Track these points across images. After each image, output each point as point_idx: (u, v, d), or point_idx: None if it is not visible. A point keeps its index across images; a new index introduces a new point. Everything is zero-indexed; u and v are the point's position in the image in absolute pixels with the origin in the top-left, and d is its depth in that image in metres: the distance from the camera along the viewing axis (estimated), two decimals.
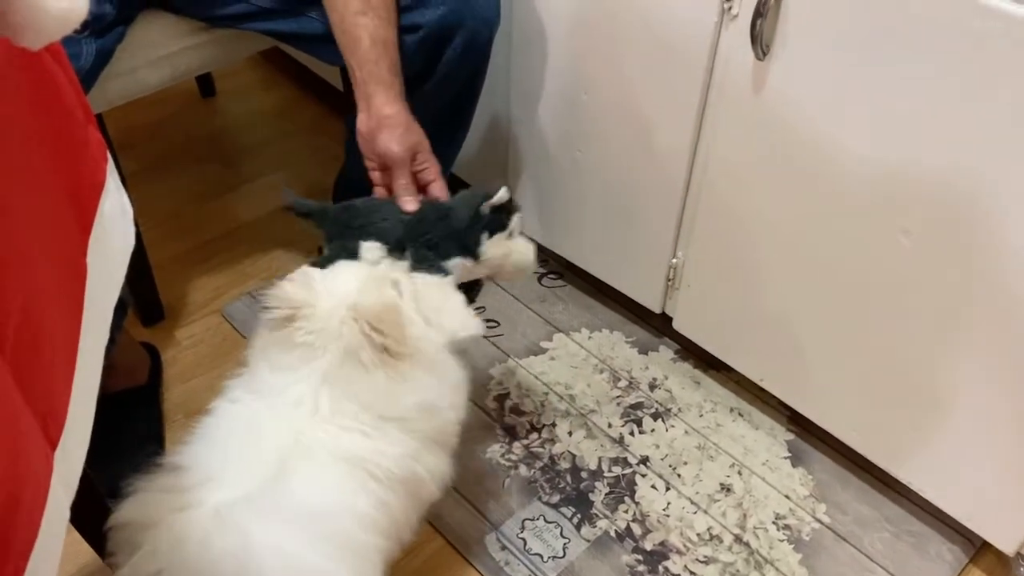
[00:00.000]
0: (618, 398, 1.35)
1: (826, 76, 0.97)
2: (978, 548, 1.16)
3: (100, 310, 0.67)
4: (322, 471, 0.80)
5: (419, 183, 1.05)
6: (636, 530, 1.17)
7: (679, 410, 1.33)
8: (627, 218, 1.32)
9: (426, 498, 0.89)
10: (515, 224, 1.04)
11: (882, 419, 1.14)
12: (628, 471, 1.24)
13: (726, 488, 1.23)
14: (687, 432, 1.30)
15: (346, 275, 0.90)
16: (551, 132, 1.35)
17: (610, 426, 1.31)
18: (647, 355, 1.42)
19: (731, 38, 1.04)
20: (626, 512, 1.19)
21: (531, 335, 1.45)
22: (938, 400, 1.06)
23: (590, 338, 1.45)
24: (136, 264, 0.76)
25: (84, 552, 0.97)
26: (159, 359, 1.36)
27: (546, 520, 1.18)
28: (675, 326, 1.36)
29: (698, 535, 1.17)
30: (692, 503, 1.21)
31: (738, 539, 1.17)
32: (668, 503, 1.20)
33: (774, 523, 1.19)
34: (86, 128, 0.67)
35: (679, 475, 1.24)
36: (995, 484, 1.06)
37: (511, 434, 1.29)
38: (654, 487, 1.23)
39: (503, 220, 1.02)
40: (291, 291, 0.87)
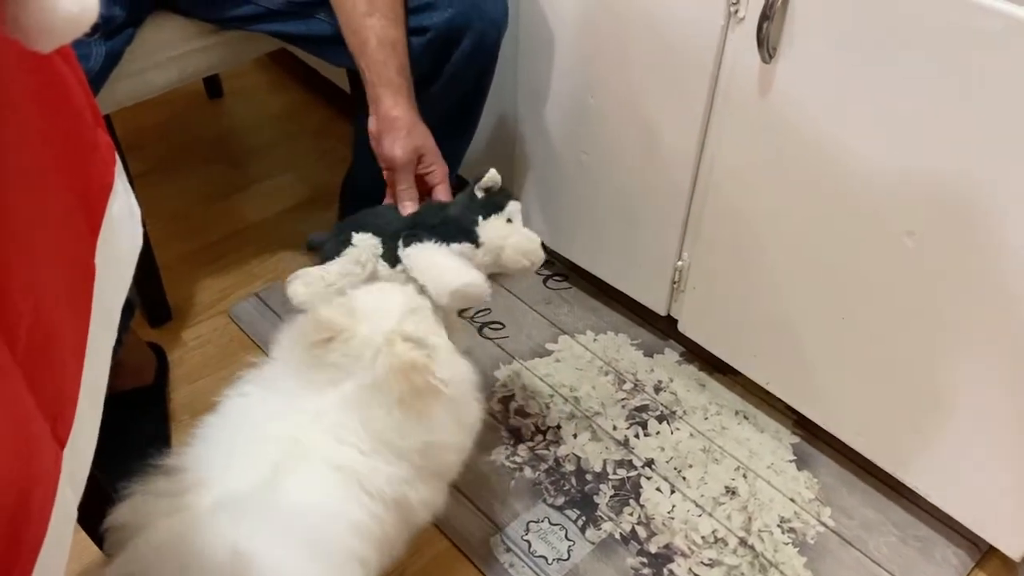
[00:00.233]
0: (623, 400, 1.35)
1: (832, 79, 0.97)
2: (984, 553, 1.16)
3: (108, 311, 0.68)
4: (316, 478, 0.79)
5: (424, 186, 1.05)
6: (641, 533, 1.17)
7: (684, 413, 1.33)
8: (633, 220, 1.32)
9: (415, 523, 0.88)
10: (512, 209, 1.02)
11: (888, 422, 1.14)
12: (633, 474, 1.25)
13: (731, 491, 1.23)
14: (692, 435, 1.30)
15: (387, 302, 0.89)
16: (557, 134, 1.35)
17: (615, 428, 1.31)
18: (652, 358, 1.42)
19: (737, 41, 1.04)
20: (631, 515, 1.19)
21: (536, 337, 1.45)
22: (944, 404, 1.06)
23: (595, 340, 1.45)
24: (143, 264, 0.77)
25: (90, 551, 0.97)
26: (166, 359, 1.37)
27: (551, 522, 1.18)
28: (680, 329, 1.36)
29: (703, 538, 1.17)
30: (697, 506, 1.21)
31: (743, 542, 1.17)
32: (673, 506, 1.21)
33: (779, 526, 1.19)
34: (95, 130, 0.68)
35: (684, 478, 1.24)
36: (1001, 488, 1.06)
37: (516, 436, 1.29)
38: (659, 490, 1.23)
39: (498, 203, 1.00)
40: (333, 317, 0.87)
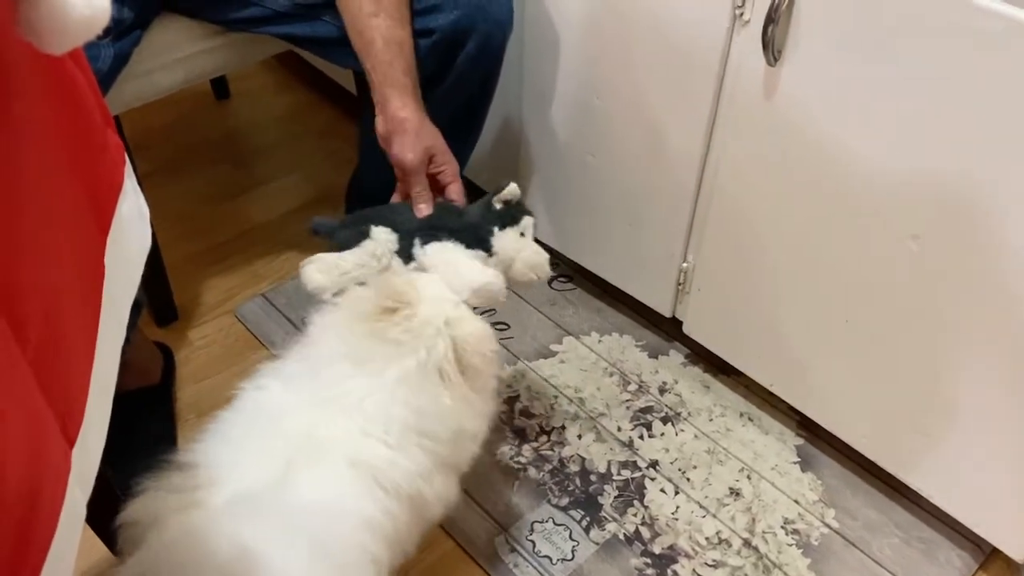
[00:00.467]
0: (628, 402, 1.35)
1: (837, 82, 0.97)
2: (988, 554, 1.16)
3: (117, 310, 0.68)
4: (330, 474, 0.80)
5: (437, 184, 1.06)
6: (645, 533, 1.18)
7: (689, 414, 1.34)
8: (638, 222, 1.32)
9: (429, 518, 0.88)
10: (527, 223, 1.04)
11: (892, 424, 1.14)
12: (637, 475, 1.25)
13: (735, 492, 1.23)
14: (696, 436, 1.30)
15: (444, 287, 0.91)
16: (563, 136, 1.36)
17: (619, 429, 1.31)
18: (657, 359, 1.42)
19: (743, 44, 1.05)
20: (635, 515, 1.20)
21: (541, 338, 1.45)
22: (948, 405, 1.06)
23: (600, 342, 1.45)
24: (150, 264, 0.77)
25: (98, 549, 0.98)
26: (172, 359, 1.37)
27: (555, 523, 1.18)
28: (685, 330, 1.36)
29: (707, 539, 1.17)
30: (701, 507, 1.21)
31: (747, 543, 1.17)
32: (677, 507, 1.21)
33: (783, 528, 1.19)
34: (105, 131, 0.68)
35: (688, 479, 1.24)
36: (1005, 490, 1.06)
37: (521, 437, 1.30)
38: (663, 491, 1.23)
39: (514, 215, 1.03)
40: (399, 286, 0.88)
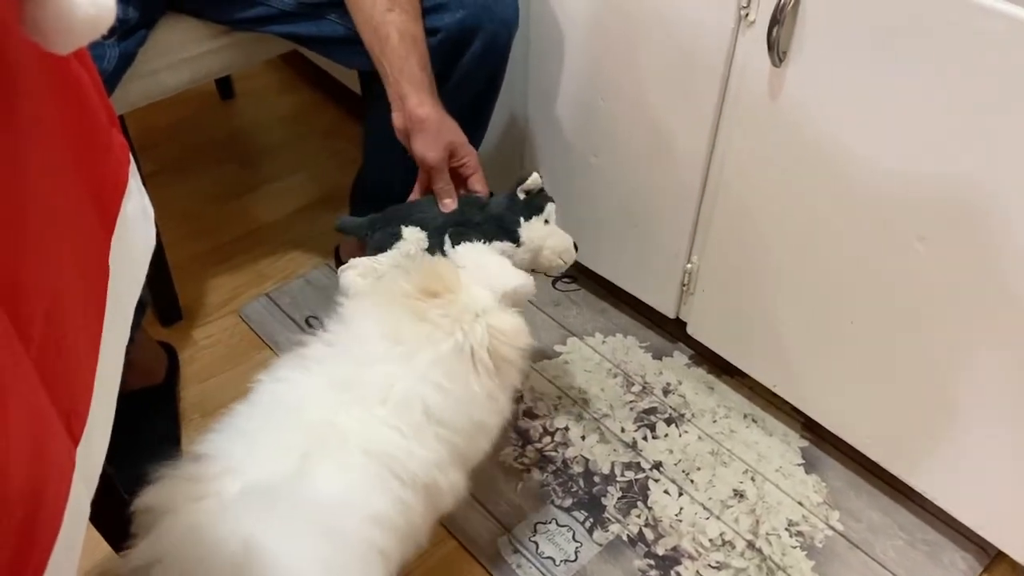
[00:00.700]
0: (631, 403, 1.35)
1: (842, 83, 0.97)
2: (992, 557, 1.16)
3: (121, 310, 0.68)
4: (345, 465, 0.80)
5: (459, 176, 1.08)
6: (648, 535, 1.17)
7: (693, 415, 1.33)
8: (642, 223, 1.32)
9: (440, 509, 0.89)
10: (550, 210, 1.08)
11: (896, 426, 1.14)
12: (641, 476, 1.25)
13: (739, 494, 1.23)
14: (700, 438, 1.30)
15: (482, 288, 0.93)
16: (567, 136, 1.35)
17: (623, 431, 1.31)
18: (661, 360, 1.42)
19: (748, 44, 1.04)
20: (638, 517, 1.19)
21: (545, 339, 1.45)
22: (953, 407, 1.05)
23: (604, 342, 1.45)
24: (155, 264, 0.77)
25: (101, 548, 0.98)
26: (176, 358, 1.37)
27: (558, 524, 1.18)
28: (689, 331, 1.36)
29: (710, 541, 1.17)
30: (705, 509, 1.21)
31: (751, 545, 1.17)
32: (681, 508, 1.21)
33: (787, 530, 1.18)
34: (109, 130, 0.68)
35: (692, 480, 1.24)
36: (1009, 492, 1.06)
37: (524, 438, 1.29)
38: (667, 492, 1.23)
39: (538, 205, 1.06)
40: (443, 270, 0.91)
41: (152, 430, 1.25)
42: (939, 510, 1.16)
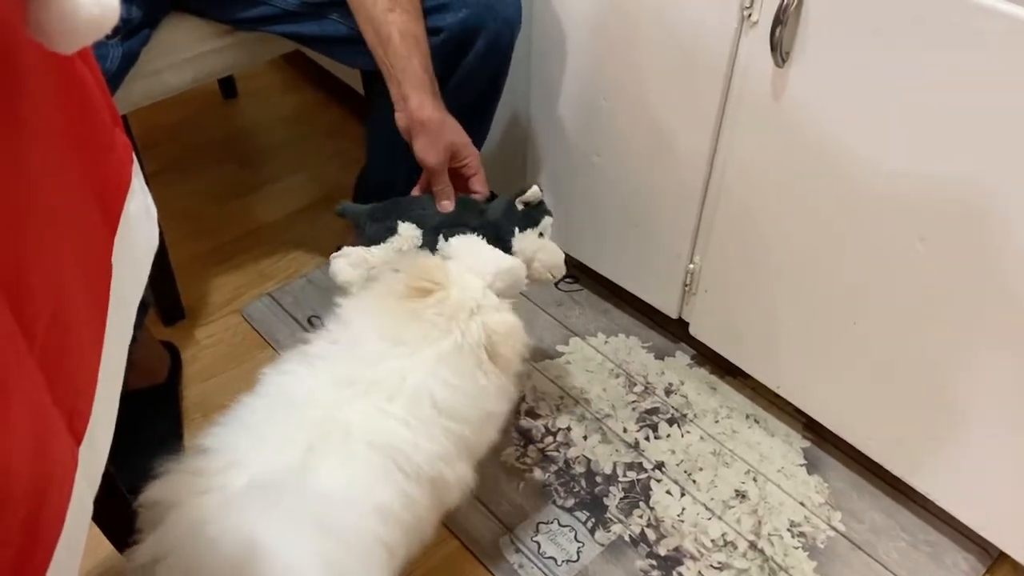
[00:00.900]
0: (634, 403, 1.35)
1: (845, 83, 0.97)
2: (995, 558, 1.16)
3: (124, 309, 0.68)
4: (349, 459, 0.80)
5: (461, 176, 1.09)
6: (650, 535, 1.17)
7: (695, 416, 1.33)
8: (645, 223, 1.32)
9: (447, 503, 0.90)
10: (545, 224, 1.09)
11: (898, 427, 1.14)
12: (643, 476, 1.25)
13: (741, 494, 1.23)
14: (703, 438, 1.30)
15: (471, 276, 0.94)
16: (570, 136, 1.36)
17: (625, 431, 1.31)
18: (663, 360, 1.42)
19: (751, 45, 1.04)
20: (640, 517, 1.20)
21: (547, 339, 1.45)
22: (955, 408, 1.05)
23: (606, 343, 1.45)
24: (157, 263, 0.77)
25: (104, 547, 0.98)
26: (179, 358, 1.38)
27: (560, 524, 1.18)
28: (691, 332, 1.36)
29: (712, 541, 1.17)
30: (707, 509, 1.21)
31: (752, 546, 1.17)
32: (683, 509, 1.21)
33: (789, 530, 1.18)
34: (113, 130, 0.68)
35: (694, 481, 1.24)
36: (1012, 493, 1.06)
37: (526, 437, 1.30)
38: (669, 492, 1.23)
39: (535, 217, 1.07)
40: (432, 268, 0.91)
41: (154, 429, 1.25)
42: (941, 511, 1.16)
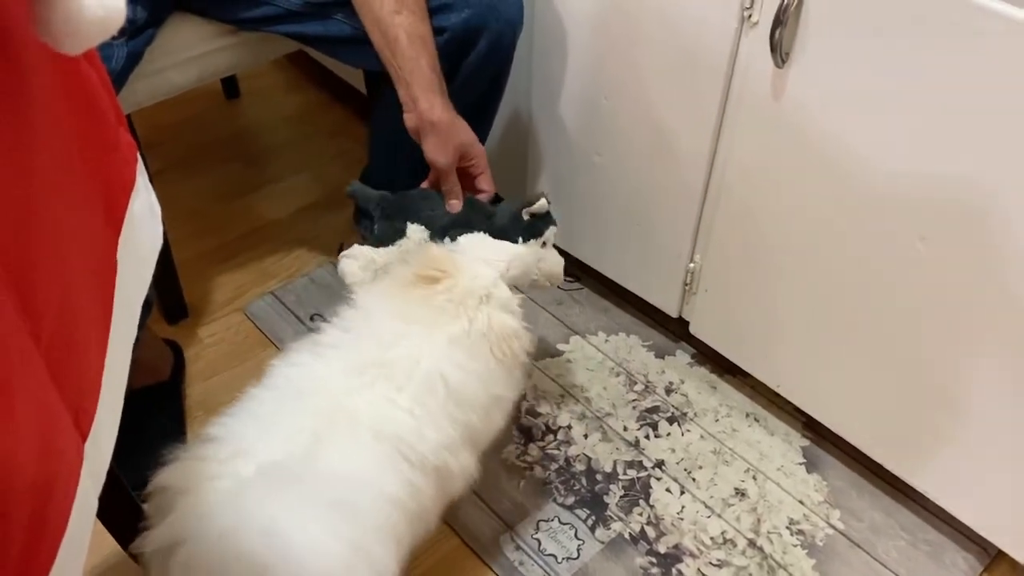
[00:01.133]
0: (634, 402, 1.35)
1: (844, 84, 0.98)
2: (993, 557, 1.16)
3: (129, 307, 0.69)
4: (356, 448, 0.81)
5: (469, 175, 1.11)
6: (650, 533, 1.18)
7: (695, 414, 1.34)
8: (645, 222, 1.32)
9: (451, 492, 0.91)
10: (549, 235, 1.11)
11: (898, 426, 1.14)
12: (643, 474, 1.25)
13: (741, 493, 1.23)
14: (703, 436, 1.31)
15: (482, 265, 0.97)
16: (571, 135, 1.36)
17: (626, 429, 1.31)
18: (664, 359, 1.43)
19: (751, 45, 1.05)
20: (640, 515, 1.20)
21: (548, 337, 1.46)
22: (954, 407, 1.06)
23: (607, 341, 1.45)
24: (161, 262, 0.78)
25: (107, 545, 0.99)
26: (182, 356, 1.38)
27: (560, 521, 1.19)
28: (692, 331, 1.36)
29: (712, 539, 1.17)
30: (707, 507, 1.21)
31: (752, 543, 1.17)
32: (683, 507, 1.21)
33: (788, 528, 1.19)
34: (117, 129, 0.69)
35: (694, 479, 1.25)
36: (1011, 492, 1.06)
37: (527, 436, 1.30)
38: (669, 490, 1.23)
39: (539, 228, 1.09)
40: (439, 256, 0.94)
41: (157, 427, 1.25)
42: (940, 510, 1.17)
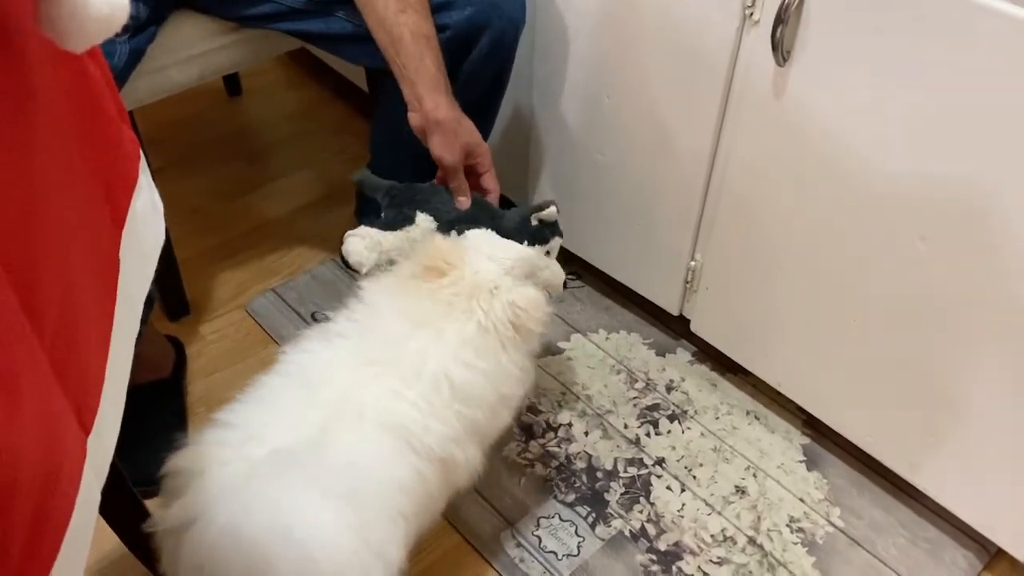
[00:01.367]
0: (635, 399, 1.36)
1: (845, 83, 0.98)
2: (993, 555, 1.16)
3: (131, 304, 0.69)
4: (363, 436, 0.82)
5: (474, 172, 1.12)
6: (650, 530, 1.18)
7: (695, 412, 1.34)
8: (646, 220, 1.33)
9: (456, 483, 0.91)
10: (554, 244, 1.11)
11: (898, 424, 1.14)
12: (644, 472, 1.25)
13: (741, 490, 1.23)
14: (703, 434, 1.31)
15: (487, 261, 0.96)
16: (572, 133, 1.36)
17: (626, 427, 1.31)
18: (664, 357, 1.43)
19: (752, 44, 1.05)
20: (641, 512, 1.20)
21: (549, 335, 1.46)
22: (954, 406, 1.06)
23: (608, 339, 1.46)
24: (163, 259, 0.78)
25: (109, 540, 0.99)
26: (184, 353, 1.38)
27: (561, 518, 1.19)
28: (693, 329, 1.36)
29: (712, 536, 1.18)
30: (707, 504, 1.21)
31: (752, 541, 1.17)
32: (683, 504, 1.21)
33: (788, 526, 1.19)
34: (120, 127, 0.69)
35: (694, 476, 1.25)
36: (1010, 490, 1.06)
37: (528, 433, 1.30)
38: (669, 488, 1.23)
39: (545, 235, 1.10)
40: (446, 250, 0.93)
41: (159, 424, 1.26)
42: (940, 508, 1.17)
